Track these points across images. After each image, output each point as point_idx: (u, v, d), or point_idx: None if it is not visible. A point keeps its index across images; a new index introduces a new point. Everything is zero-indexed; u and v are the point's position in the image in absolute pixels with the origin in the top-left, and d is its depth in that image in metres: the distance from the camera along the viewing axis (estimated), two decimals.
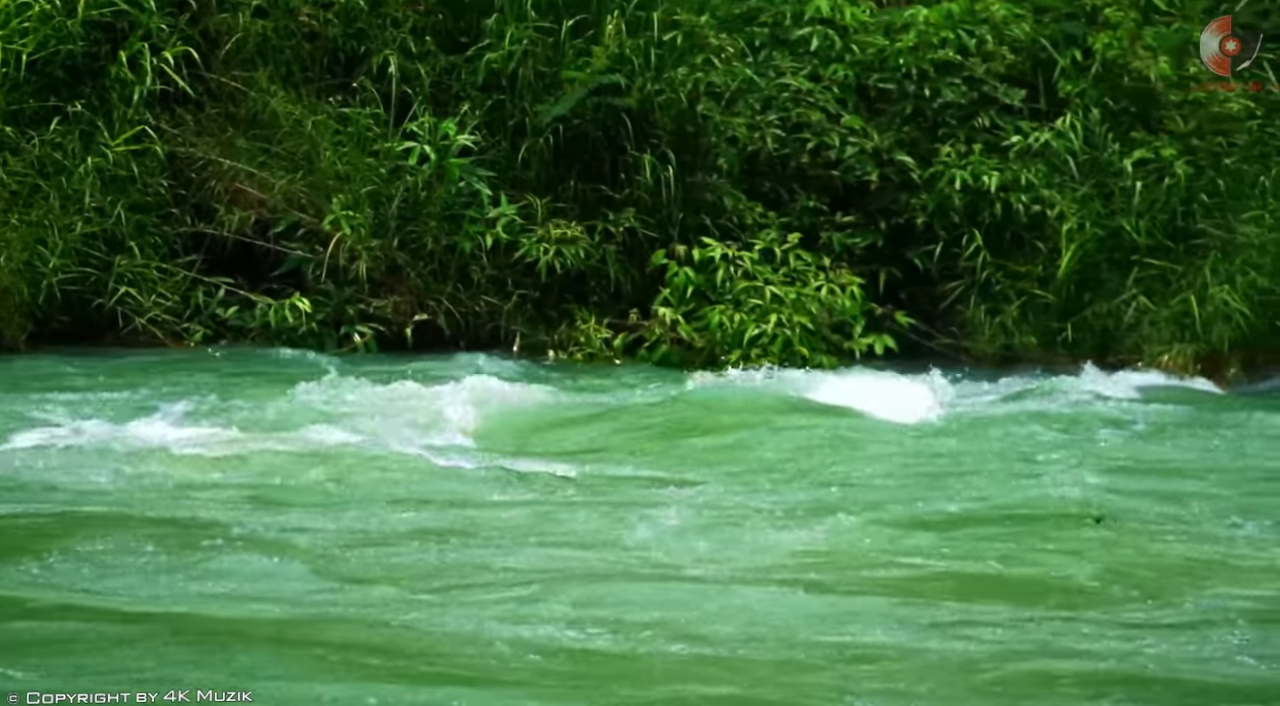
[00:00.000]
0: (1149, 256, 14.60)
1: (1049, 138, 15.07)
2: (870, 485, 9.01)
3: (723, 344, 14.32)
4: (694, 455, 10.04)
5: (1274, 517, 8.37)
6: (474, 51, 15.22)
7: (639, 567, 7.10)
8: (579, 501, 8.51)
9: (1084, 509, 8.18)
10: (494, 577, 6.85)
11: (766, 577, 6.92)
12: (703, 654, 5.79)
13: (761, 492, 8.88)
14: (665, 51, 15.01)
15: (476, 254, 14.80)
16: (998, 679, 5.63)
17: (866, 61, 15.61)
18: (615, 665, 5.65)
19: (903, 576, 7.05)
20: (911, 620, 6.32)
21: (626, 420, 11.16)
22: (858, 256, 15.17)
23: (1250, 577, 7.18)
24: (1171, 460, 10.09)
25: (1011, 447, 10.21)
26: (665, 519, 8.01)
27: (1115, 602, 6.73)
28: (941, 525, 7.96)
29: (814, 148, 15.32)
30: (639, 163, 14.98)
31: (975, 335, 14.93)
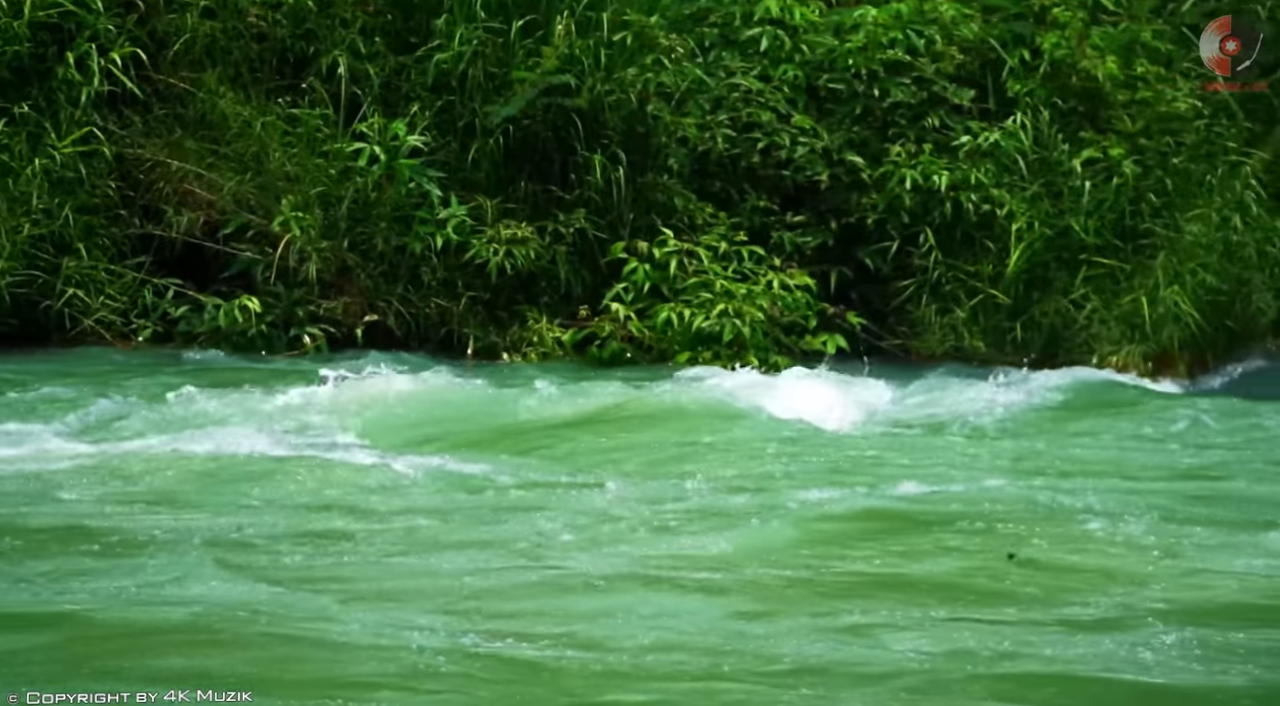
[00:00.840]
0: (1097, 256, 14.66)
1: (998, 137, 15.12)
2: (791, 488, 8.86)
3: (673, 341, 14.33)
4: (610, 456, 9.92)
5: (1192, 516, 8.35)
6: (423, 52, 15.19)
7: (551, 573, 6.97)
8: (486, 504, 8.39)
9: (1010, 510, 8.12)
10: (402, 583, 6.74)
11: (683, 583, 6.80)
12: (617, 661, 5.70)
13: (679, 496, 8.74)
14: (615, 52, 15.00)
15: (427, 255, 14.77)
16: (923, 683, 5.57)
17: (816, 62, 15.64)
18: (528, 672, 5.57)
19: (821, 580, 6.96)
20: (830, 626, 6.25)
21: (542, 420, 11.01)
22: (808, 256, 15.19)
23: (1170, 577, 7.16)
24: (1108, 459, 10.04)
25: (941, 448, 10.15)
26: (576, 522, 7.89)
27: (1035, 602, 6.69)
28: (861, 527, 7.88)
29: (764, 148, 15.34)
30: (589, 163, 14.97)
31: (925, 335, 14.97)
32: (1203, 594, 6.90)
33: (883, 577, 7.02)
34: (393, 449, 9.81)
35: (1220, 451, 10.26)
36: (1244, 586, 7.05)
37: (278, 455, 9.38)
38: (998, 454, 10.03)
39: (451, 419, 10.95)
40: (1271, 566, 7.37)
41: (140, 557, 7.06)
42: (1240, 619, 6.49)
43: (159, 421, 10.55)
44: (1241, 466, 9.79)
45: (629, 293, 14.61)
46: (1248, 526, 8.19)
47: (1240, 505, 8.64)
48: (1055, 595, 6.80)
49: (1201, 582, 7.11)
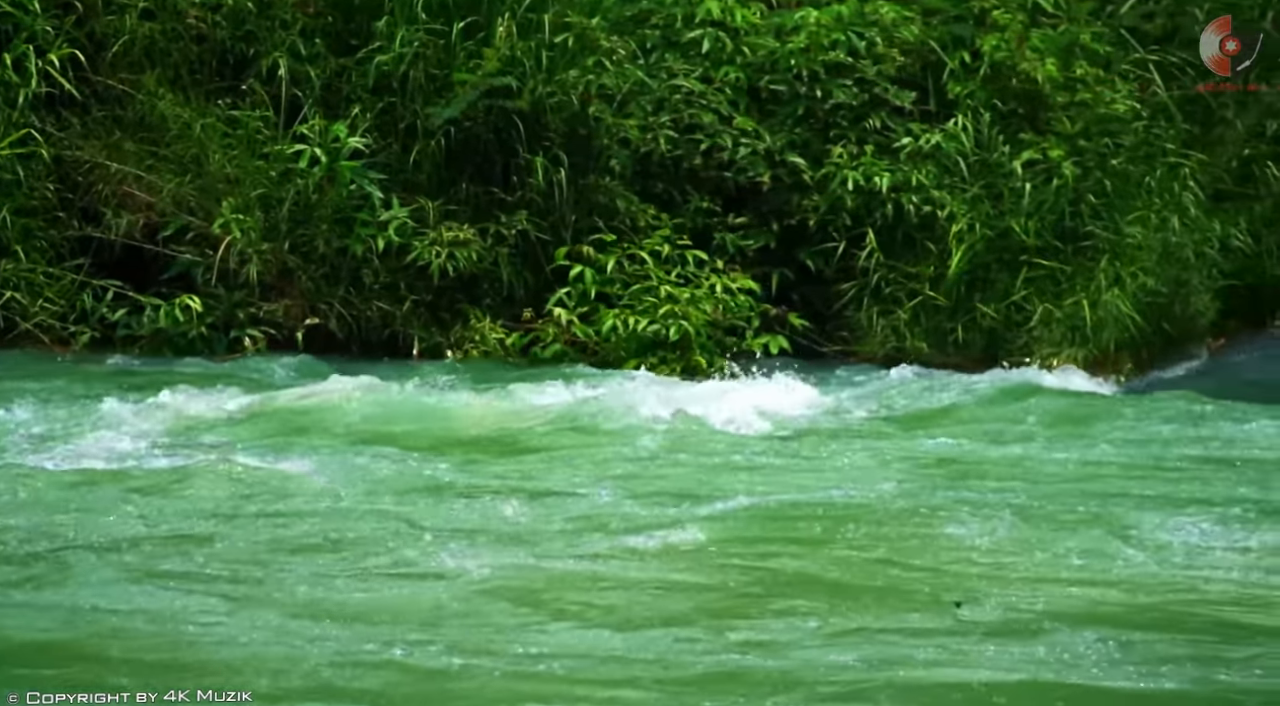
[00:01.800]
0: (1038, 257, 14.72)
1: (939, 139, 15.16)
2: (704, 494, 8.75)
3: (617, 346, 14.33)
4: (519, 462, 9.82)
5: (1106, 515, 8.34)
6: (364, 54, 15.14)
7: (458, 580, 6.87)
8: (396, 510, 8.30)
9: (925, 513, 8.08)
10: (313, 591, 6.67)
11: (589, 590, 6.73)
12: (520, 669, 5.65)
13: (588, 502, 8.63)
14: (557, 53, 14.99)
15: (368, 257, 14.73)
16: (837, 692, 5.53)
17: (758, 63, 15.66)
18: (440, 684, 5.52)
19: (731, 586, 6.89)
20: (740, 632, 6.20)
21: (462, 425, 10.94)
22: (750, 258, 15.21)
23: (1078, 578, 7.13)
24: (1032, 460, 10.00)
25: (861, 450, 10.08)
26: (486, 528, 7.80)
27: (940, 607, 6.65)
28: (770, 532, 7.79)
29: (706, 149, 15.35)
30: (531, 165, 14.95)
31: (867, 336, 15.00)
32: (1108, 595, 6.85)
33: (792, 583, 6.94)
34: (308, 452, 9.71)
35: (1145, 451, 10.25)
36: (1153, 586, 7.03)
37: (176, 463, 9.27)
38: (919, 456, 9.98)
39: (370, 422, 10.87)
40: (1177, 566, 7.36)
41: (24, 567, 6.97)
42: (1153, 621, 6.47)
43: (69, 428, 10.45)
44: (1163, 466, 9.77)
45: (573, 297, 14.59)
46: (1161, 525, 8.19)
47: (1154, 504, 8.60)
48: (986, 597, 6.77)
49: (1109, 583, 7.07)
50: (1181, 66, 15.50)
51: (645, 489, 8.89)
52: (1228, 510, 8.54)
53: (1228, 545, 7.84)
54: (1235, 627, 6.39)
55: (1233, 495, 8.94)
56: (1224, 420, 11.04)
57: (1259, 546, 7.80)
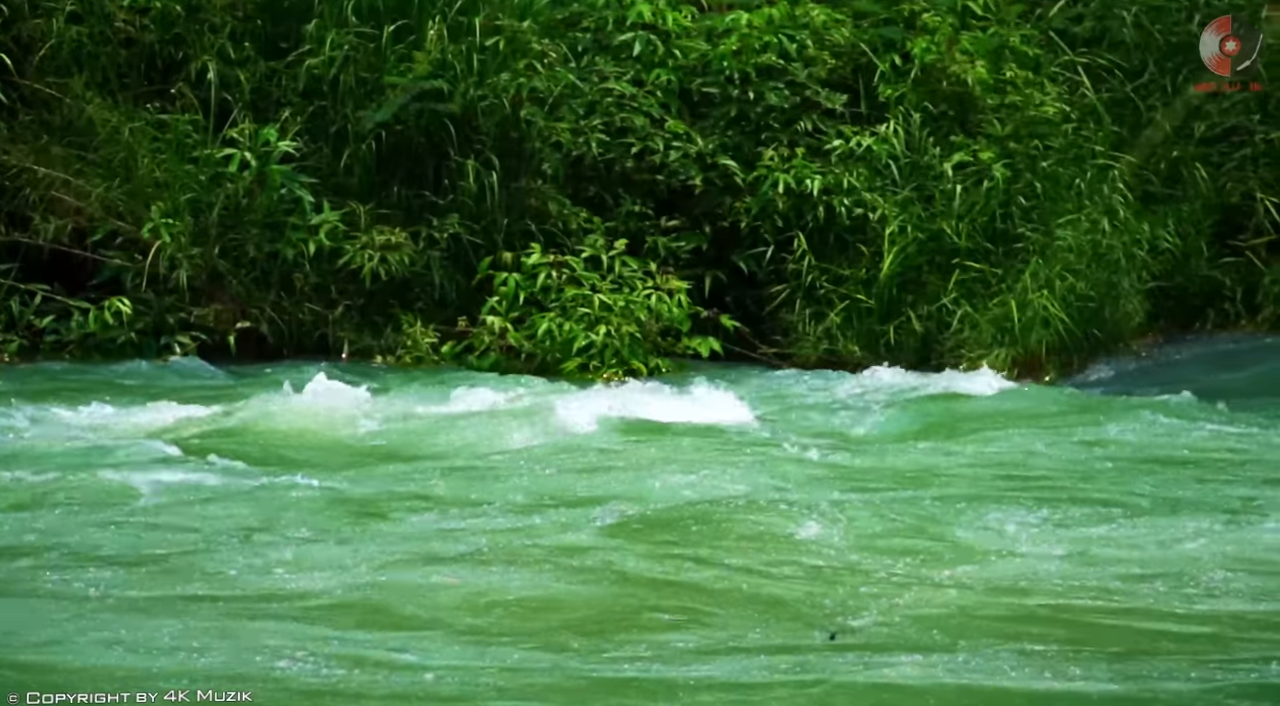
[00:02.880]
0: (969, 259, 14.78)
1: (870, 142, 15.21)
2: (602, 501, 8.54)
3: (552, 352, 14.31)
4: (417, 468, 9.63)
5: (1018, 519, 8.28)
6: (294, 57, 15.09)
7: (333, 595, 6.71)
8: (252, 517, 8.12)
9: (825, 516, 7.95)
10: (187, 603, 6.56)
11: (480, 605, 6.58)
12: (416, 685, 5.57)
13: (478, 513, 8.42)
14: (488, 57, 14.96)
15: (299, 261, 14.67)
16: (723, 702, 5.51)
17: (689, 66, 15.68)
18: (319, 701, 5.46)
19: (609, 598, 6.72)
20: (622, 646, 6.09)
21: (368, 432, 10.80)
22: (683, 260, 15.22)
23: (982, 584, 7.02)
24: (940, 463, 9.91)
25: (763, 454, 9.91)
26: (376, 539, 7.69)
27: (834, 614, 6.56)
28: (653, 537, 7.65)
29: (638, 152, 15.36)
30: (463, 168, 14.93)
31: (799, 338, 15.04)
32: (1015, 600, 6.78)
33: (671, 592, 6.80)
34: (216, 459, 9.59)
35: (1064, 452, 10.22)
36: (1039, 587, 6.97)
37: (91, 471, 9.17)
38: (831, 460, 9.87)
39: (276, 430, 10.78)
40: (1082, 570, 7.29)
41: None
42: (1061, 625, 6.43)
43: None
44: (1078, 466, 9.72)
45: (503, 303, 14.56)
46: (1056, 525, 8.17)
47: (1050, 504, 8.54)
48: (864, 603, 6.66)
49: (1016, 587, 7.00)
50: (1110, 69, 15.59)
51: (534, 496, 8.68)
52: (1128, 509, 8.50)
53: (1123, 543, 7.77)
54: (1120, 630, 6.37)
55: (1137, 494, 8.89)
56: (1140, 420, 11.04)
57: (1154, 545, 7.74)
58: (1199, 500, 8.80)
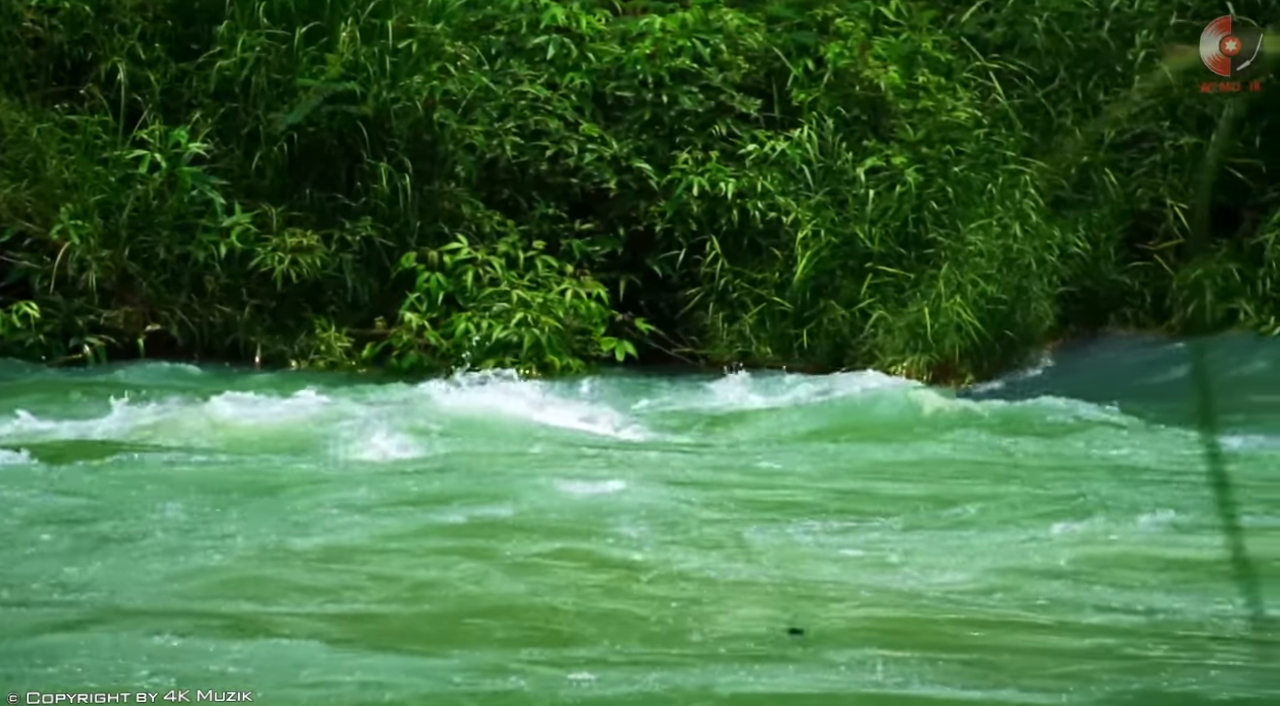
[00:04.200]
0: (882, 264, 14.83)
1: (784, 146, 15.24)
2: (469, 502, 8.40)
3: (472, 351, 14.28)
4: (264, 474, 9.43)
5: (901, 523, 8.23)
6: (205, 58, 14.98)
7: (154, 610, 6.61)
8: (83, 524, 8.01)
9: (701, 521, 7.87)
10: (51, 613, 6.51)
11: (366, 614, 6.50)
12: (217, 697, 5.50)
13: (335, 518, 8.22)
14: (400, 59, 14.90)
15: (210, 263, 14.58)
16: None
17: (603, 69, 15.66)
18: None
19: (451, 611, 6.56)
20: (469, 656, 5.95)
21: (244, 433, 10.68)
22: (598, 264, 15.21)
23: (856, 591, 6.93)
24: (826, 466, 9.85)
25: (647, 457, 9.89)
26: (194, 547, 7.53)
27: (708, 624, 6.39)
28: (510, 540, 7.50)
29: (552, 155, 15.33)
30: (375, 171, 14.86)
31: (714, 342, 15.05)
32: (893, 609, 6.69)
33: (492, 602, 6.63)
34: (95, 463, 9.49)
35: (963, 455, 10.20)
36: (919, 599, 6.87)
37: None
38: (722, 463, 9.81)
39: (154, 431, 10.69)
40: (972, 575, 7.19)
41: None
42: (921, 635, 6.33)
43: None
44: (973, 470, 9.69)
45: (423, 302, 14.52)
46: (965, 528, 8.11)
47: (960, 509, 8.49)
48: (750, 612, 6.55)
49: (897, 594, 6.91)
50: (1021, 75, 15.69)
51: (405, 499, 8.57)
52: (1020, 514, 8.42)
53: (1015, 549, 7.68)
54: (1011, 642, 6.27)
55: (1032, 498, 8.83)
56: (1042, 425, 11.06)
57: (1036, 551, 7.63)
58: (1069, 506, 8.65)
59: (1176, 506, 8.51)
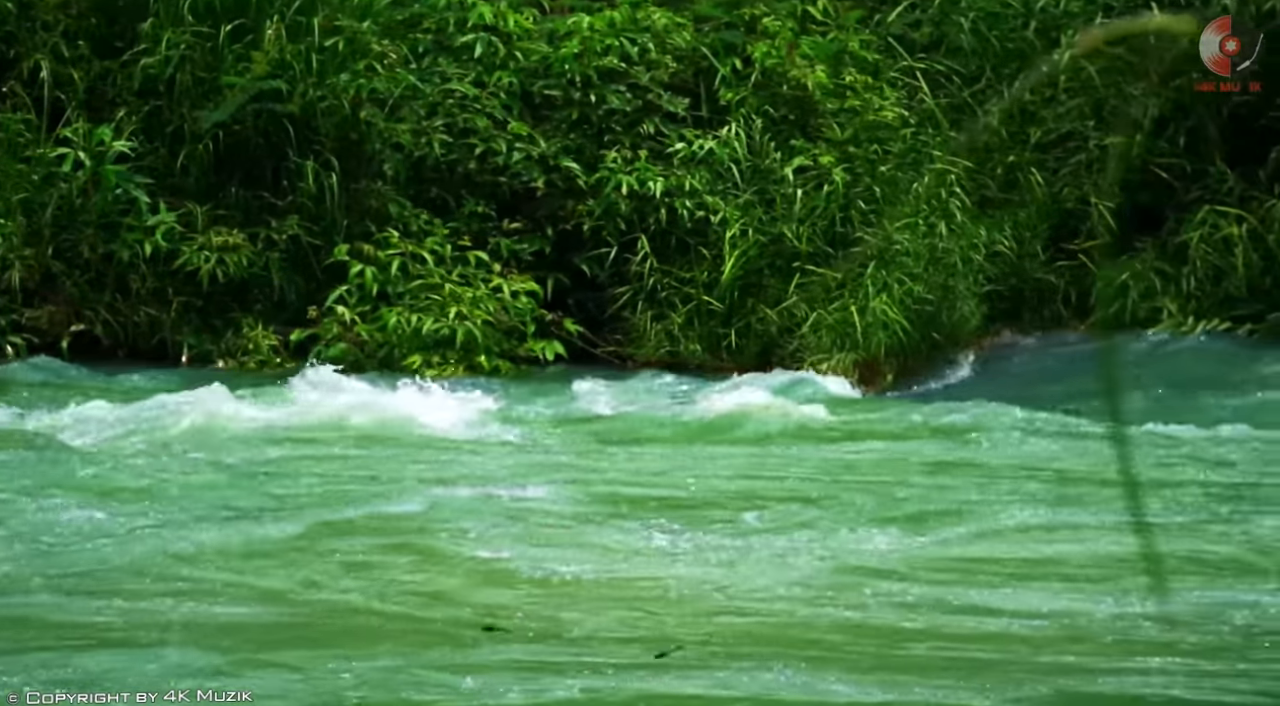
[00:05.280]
0: (809, 263, 14.86)
1: (712, 145, 15.25)
2: (331, 502, 8.35)
3: (401, 345, 14.23)
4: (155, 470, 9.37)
5: (788, 522, 8.12)
6: (130, 56, 14.89)
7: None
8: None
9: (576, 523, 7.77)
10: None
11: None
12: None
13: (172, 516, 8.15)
14: (327, 57, 14.84)
15: (135, 262, 14.49)
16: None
17: (531, 68, 15.64)
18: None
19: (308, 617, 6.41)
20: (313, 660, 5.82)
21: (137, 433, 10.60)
22: (526, 263, 15.18)
23: (715, 597, 6.77)
24: (699, 469, 9.70)
25: (526, 459, 9.85)
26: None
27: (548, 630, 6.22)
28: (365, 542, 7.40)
29: (480, 154, 15.29)
30: (302, 170, 14.80)
31: (641, 341, 15.05)
32: (755, 615, 6.56)
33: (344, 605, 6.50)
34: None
35: (869, 455, 10.12)
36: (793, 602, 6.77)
37: None
38: (615, 463, 9.72)
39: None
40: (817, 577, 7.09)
41: None
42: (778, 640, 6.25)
43: None
44: (869, 470, 9.63)
45: (352, 295, 14.47)
46: (844, 527, 8.04)
47: (834, 512, 8.42)
48: (599, 618, 6.37)
49: (759, 600, 6.79)
50: (947, 74, 15.75)
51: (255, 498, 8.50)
52: (914, 514, 8.36)
53: (907, 549, 7.61)
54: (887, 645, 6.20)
55: (921, 497, 8.80)
56: (950, 424, 11.04)
57: (922, 553, 7.54)
58: (954, 506, 8.59)
59: (1070, 505, 8.49)
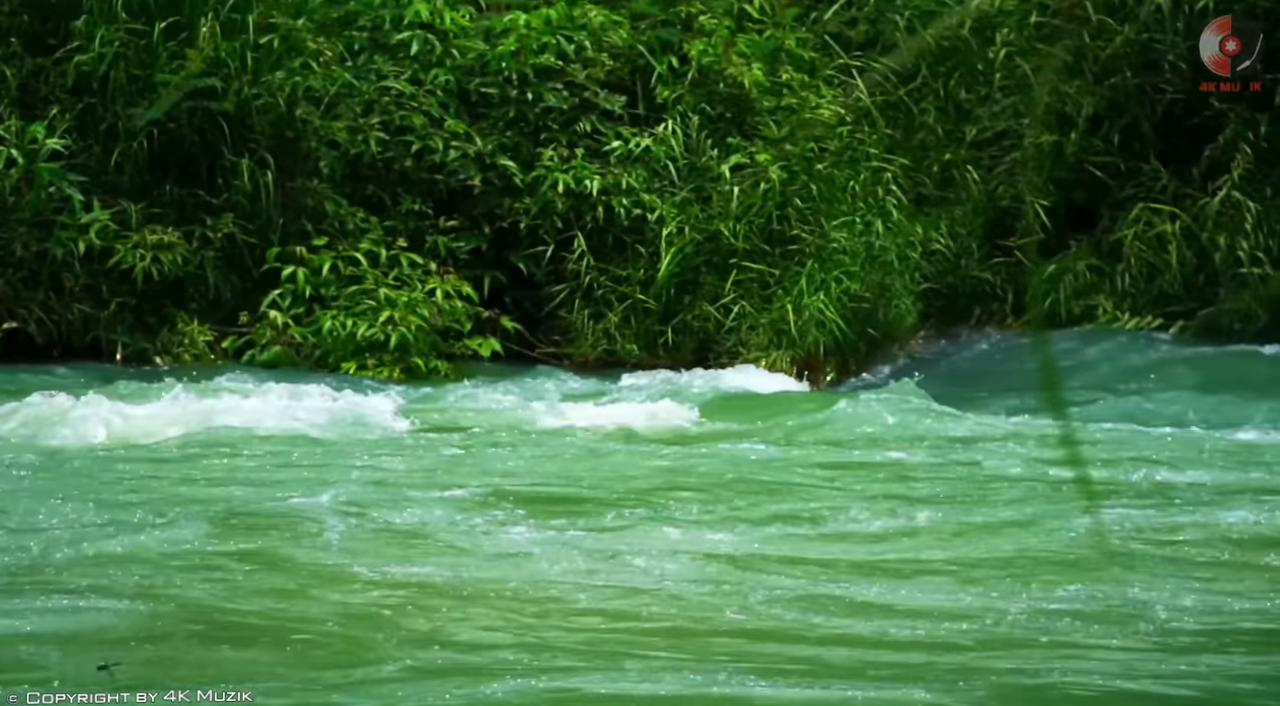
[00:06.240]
0: (746, 260, 14.89)
1: (649, 143, 15.26)
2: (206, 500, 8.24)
3: (336, 349, 14.19)
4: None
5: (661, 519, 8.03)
6: (63, 53, 14.78)
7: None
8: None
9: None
10: None
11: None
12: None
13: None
14: (262, 55, 14.78)
15: (69, 260, 14.39)
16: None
17: (467, 66, 15.61)
18: None
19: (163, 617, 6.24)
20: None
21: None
22: (462, 261, 15.16)
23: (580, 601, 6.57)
24: (615, 468, 9.60)
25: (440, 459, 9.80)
26: None
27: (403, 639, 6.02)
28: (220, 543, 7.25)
29: (417, 152, 15.26)
30: (237, 167, 14.74)
31: (579, 339, 15.05)
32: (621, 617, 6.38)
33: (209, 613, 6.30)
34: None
35: (770, 454, 10.10)
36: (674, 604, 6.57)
37: None
38: (503, 465, 9.60)
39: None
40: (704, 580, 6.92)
41: None
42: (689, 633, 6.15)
43: None
44: (792, 470, 9.56)
45: (285, 298, 14.42)
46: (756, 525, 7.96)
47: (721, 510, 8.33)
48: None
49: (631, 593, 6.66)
50: (884, 72, 15.79)
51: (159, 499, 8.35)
52: (812, 512, 8.26)
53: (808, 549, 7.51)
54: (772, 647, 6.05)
55: (847, 496, 8.74)
56: (877, 421, 11.06)
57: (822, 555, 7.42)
58: (861, 503, 8.53)
59: (981, 504, 8.47)
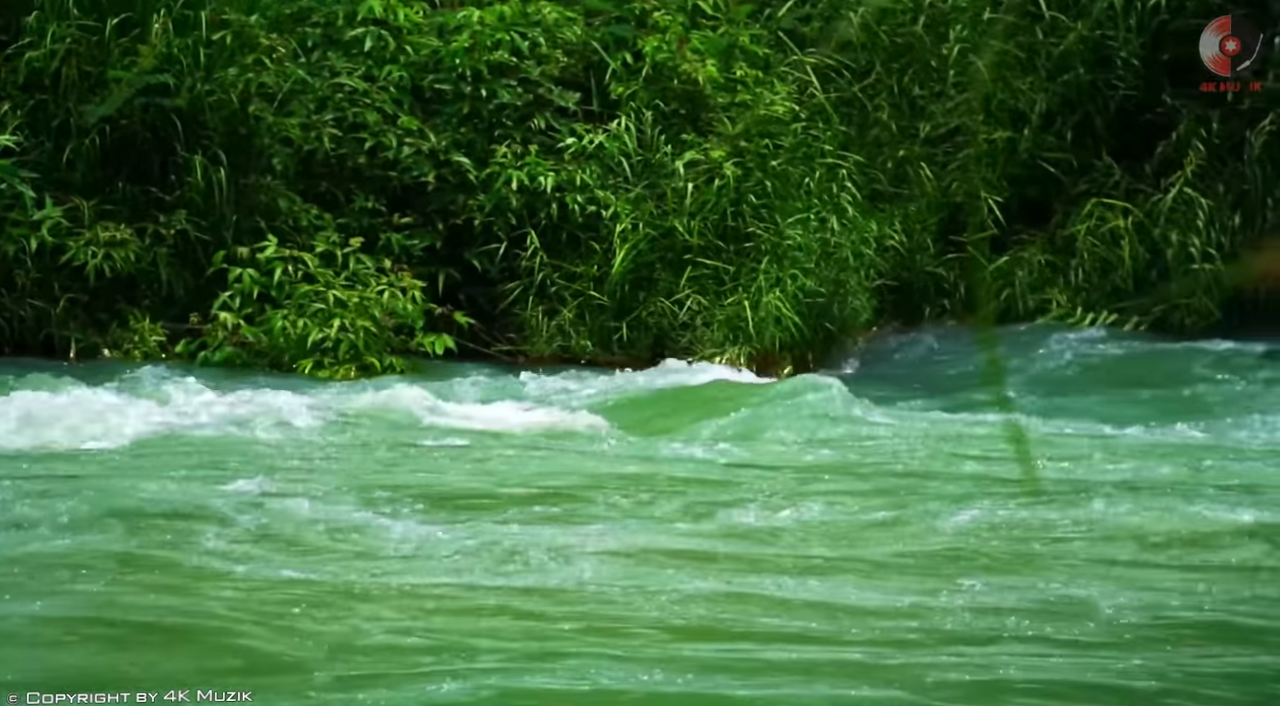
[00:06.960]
0: (701, 256, 14.90)
1: (603, 139, 15.26)
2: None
3: (287, 349, 14.15)
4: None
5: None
6: (14, 50, 14.70)
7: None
8: None
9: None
10: None
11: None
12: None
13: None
14: (214, 51, 14.72)
15: (21, 258, 14.32)
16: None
17: (421, 62, 15.58)
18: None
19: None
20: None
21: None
22: (416, 258, 15.13)
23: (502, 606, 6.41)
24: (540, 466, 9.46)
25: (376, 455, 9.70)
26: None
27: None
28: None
29: (371, 148, 15.23)
30: (190, 164, 14.68)
31: (533, 336, 15.03)
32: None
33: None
34: None
35: (695, 451, 10.01)
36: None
37: None
38: (423, 464, 9.43)
39: None
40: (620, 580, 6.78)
41: None
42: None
43: None
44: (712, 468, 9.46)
45: (236, 299, 14.36)
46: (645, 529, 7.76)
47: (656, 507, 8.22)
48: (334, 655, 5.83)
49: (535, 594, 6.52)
50: (838, 69, 15.83)
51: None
52: (745, 508, 8.13)
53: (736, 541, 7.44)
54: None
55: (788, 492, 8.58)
56: (819, 417, 11.05)
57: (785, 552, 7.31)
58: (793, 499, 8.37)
59: (917, 498, 8.42)
